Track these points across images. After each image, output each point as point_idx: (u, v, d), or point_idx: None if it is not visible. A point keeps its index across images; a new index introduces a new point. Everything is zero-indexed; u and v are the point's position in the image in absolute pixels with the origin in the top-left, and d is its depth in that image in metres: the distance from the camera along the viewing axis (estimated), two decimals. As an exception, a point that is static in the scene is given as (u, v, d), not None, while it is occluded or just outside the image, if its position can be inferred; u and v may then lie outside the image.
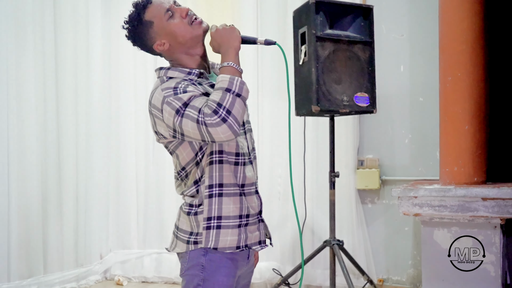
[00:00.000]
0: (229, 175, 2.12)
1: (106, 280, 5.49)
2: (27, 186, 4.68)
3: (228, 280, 2.12)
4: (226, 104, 1.93)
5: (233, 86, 1.98)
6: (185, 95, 2.00)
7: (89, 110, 5.32)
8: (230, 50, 2.10)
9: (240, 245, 2.12)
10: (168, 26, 2.14)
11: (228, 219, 2.11)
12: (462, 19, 3.87)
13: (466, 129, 3.87)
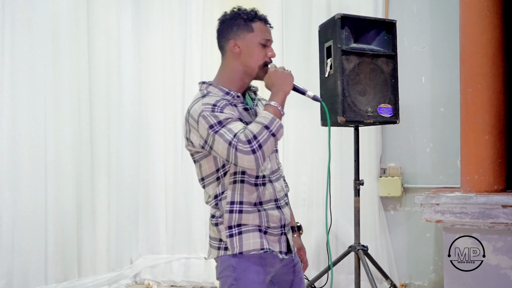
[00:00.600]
0: (248, 194, 2.32)
1: (136, 284, 5.68)
2: (63, 194, 4.90)
3: (258, 277, 2.30)
4: (261, 139, 2.13)
5: (272, 125, 2.17)
6: (222, 115, 2.21)
7: (120, 122, 5.55)
8: (280, 93, 2.30)
9: (264, 247, 2.30)
10: (255, 47, 2.38)
11: (248, 226, 2.31)
12: (482, 33, 4.02)
13: (486, 139, 4.02)
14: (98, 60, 5.29)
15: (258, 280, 2.30)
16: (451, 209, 3.93)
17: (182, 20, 5.67)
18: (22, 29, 4.59)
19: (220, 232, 2.33)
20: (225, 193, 2.32)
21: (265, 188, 2.39)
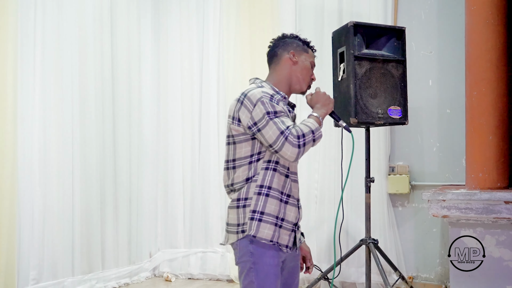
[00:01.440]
0: (278, 181, 2.59)
1: (155, 277, 5.96)
2: (88, 192, 5.18)
3: (273, 260, 2.57)
4: (306, 139, 2.48)
5: (316, 132, 2.53)
6: (278, 106, 2.53)
7: (140, 124, 5.85)
8: (323, 109, 2.69)
9: (273, 240, 2.57)
10: (307, 64, 2.82)
11: (269, 215, 2.56)
12: (486, 40, 4.26)
13: (490, 139, 4.26)
14: (120, 64, 5.58)
15: (273, 263, 2.57)
16: (456, 205, 4.18)
17: (200, 23, 5.95)
18: (52, 35, 4.86)
19: (245, 214, 2.57)
20: (256, 177, 2.57)
21: (292, 184, 2.66)
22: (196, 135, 5.94)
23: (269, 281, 2.55)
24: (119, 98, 5.55)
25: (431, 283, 5.09)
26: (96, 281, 5.18)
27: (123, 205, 5.59)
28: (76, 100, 5.06)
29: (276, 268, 2.59)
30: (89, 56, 5.21)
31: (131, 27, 5.74)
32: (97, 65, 5.29)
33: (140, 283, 5.67)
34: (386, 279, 4.23)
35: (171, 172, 6.01)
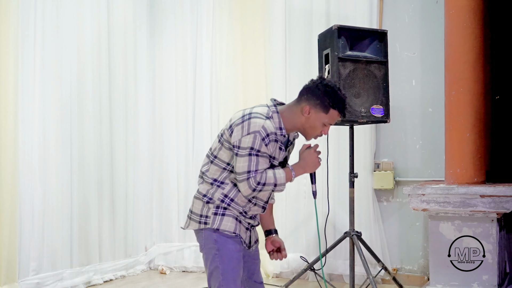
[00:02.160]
0: (240, 200, 2.85)
1: (150, 269, 6.19)
2: (86, 187, 5.40)
3: (235, 247, 2.83)
4: (264, 188, 2.74)
5: (278, 186, 2.77)
6: (264, 148, 2.73)
7: (136, 122, 6.08)
8: (300, 170, 2.90)
9: (235, 232, 2.83)
10: (319, 124, 2.86)
11: (231, 212, 2.84)
12: (464, 42, 4.49)
13: (467, 136, 4.49)
14: (117, 64, 5.81)
15: (236, 249, 2.82)
16: (435, 199, 4.40)
17: (194, 25, 6.20)
18: (51, 37, 5.07)
19: (209, 209, 2.83)
20: (224, 185, 2.83)
21: (255, 208, 2.94)
22: (190, 134, 6.17)
23: (232, 265, 2.80)
24: (115, 98, 5.77)
25: (414, 274, 5.32)
26: (94, 273, 5.39)
27: (119, 200, 5.81)
28: (74, 99, 5.28)
29: (238, 254, 2.84)
30: (87, 57, 5.43)
31: (128, 28, 5.95)
32: (95, 65, 5.50)
33: (136, 275, 5.90)
34: (368, 270, 4.46)
35: (166, 169, 6.23)
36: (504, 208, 4.21)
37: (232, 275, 2.80)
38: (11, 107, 4.60)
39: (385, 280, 5.29)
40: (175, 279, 5.76)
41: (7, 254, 4.51)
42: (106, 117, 5.64)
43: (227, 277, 2.79)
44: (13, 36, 4.62)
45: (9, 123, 4.57)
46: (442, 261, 4.46)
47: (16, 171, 4.63)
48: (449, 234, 4.44)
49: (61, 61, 5.16)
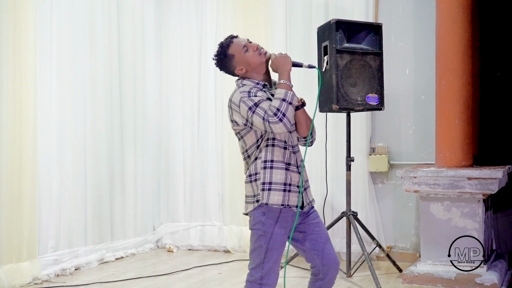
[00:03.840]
0: (278, 154, 2.96)
1: (158, 248, 6.53)
2: (99, 170, 5.72)
3: (280, 230, 3.00)
4: (282, 110, 2.79)
5: (287, 97, 2.82)
6: (256, 98, 2.87)
7: (144, 108, 6.40)
8: (285, 72, 2.93)
9: (284, 203, 3.00)
10: (245, 57, 3.00)
11: (276, 184, 3.00)
12: (454, 34, 4.79)
13: (456, 123, 4.81)
14: (127, 55, 6.11)
15: (280, 233, 3.00)
16: (426, 181, 4.73)
17: (198, 19, 6.51)
18: (67, 32, 5.37)
19: (257, 186, 3.03)
20: (260, 154, 2.97)
21: (291, 155, 3.00)
22: (195, 119, 6.49)
23: (275, 246, 2.98)
24: (125, 87, 6.09)
25: (407, 252, 5.65)
26: (106, 250, 5.74)
27: (129, 183, 6.14)
28: (88, 89, 5.58)
29: (283, 237, 3.01)
30: (99, 47, 5.72)
31: (136, 21, 6.26)
32: (106, 55, 5.80)
33: (145, 253, 6.25)
34: (363, 247, 4.79)
35: (173, 153, 6.58)
36: (490, 190, 4.54)
37: (274, 254, 2.99)
38: (31, 98, 4.89)
39: (379, 257, 5.63)
40: (182, 257, 6.09)
41: (28, 233, 4.83)
42: (117, 106, 5.96)
43: (269, 256, 2.98)
44: (32, 28, 4.90)
45: (29, 113, 4.86)
46: (432, 239, 4.80)
47: (35, 157, 4.94)
48: (438, 213, 4.78)
49: (75, 52, 5.45)
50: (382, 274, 5.14)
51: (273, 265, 2.98)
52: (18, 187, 4.77)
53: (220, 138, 6.34)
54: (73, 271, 5.31)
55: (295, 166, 3.00)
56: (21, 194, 4.79)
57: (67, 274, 5.21)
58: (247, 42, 3.04)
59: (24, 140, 4.83)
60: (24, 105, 4.83)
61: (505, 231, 5.31)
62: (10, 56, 4.72)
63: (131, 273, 5.32)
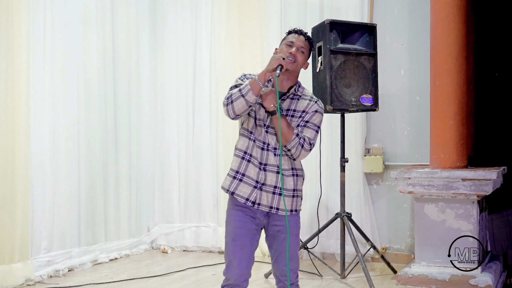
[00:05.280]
0: (243, 144, 3.01)
1: (152, 249, 6.52)
2: (93, 171, 5.70)
3: (234, 217, 3.03)
4: (232, 97, 2.86)
5: (243, 90, 2.84)
6: (241, 82, 2.97)
7: (139, 109, 6.38)
8: (264, 70, 2.87)
9: (229, 189, 3.02)
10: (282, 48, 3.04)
11: (231, 170, 3.04)
12: (448, 35, 4.78)
13: (450, 123, 4.79)
14: (121, 55, 6.09)
15: (235, 219, 3.02)
16: (420, 182, 4.71)
17: (193, 19, 6.49)
18: (60, 33, 5.34)
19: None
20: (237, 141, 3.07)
21: (259, 149, 2.98)
22: (190, 120, 6.47)
23: (230, 225, 3.05)
24: (119, 88, 6.06)
25: (402, 253, 5.64)
26: (100, 251, 5.72)
27: (123, 183, 6.12)
28: (82, 90, 5.56)
29: (237, 214, 3.01)
30: (92, 48, 5.70)
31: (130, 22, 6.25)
32: (100, 57, 5.78)
33: (139, 254, 6.23)
34: (357, 248, 4.78)
35: (168, 153, 6.55)
36: (484, 191, 4.52)
37: (230, 247, 3.02)
38: (24, 98, 4.86)
39: (374, 258, 5.62)
40: (176, 258, 6.07)
41: (20, 234, 4.80)
42: (111, 106, 5.93)
43: (227, 248, 3.05)
44: (24, 28, 4.87)
45: (22, 113, 4.84)
46: (426, 240, 4.78)
47: (28, 157, 4.92)
48: (433, 215, 4.76)
49: (68, 52, 5.43)
50: (376, 275, 5.14)
51: (232, 259, 3.00)
52: (10, 187, 4.75)
53: (214, 139, 6.33)
54: (66, 272, 5.28)
55: (262, 163, 2.97)
56: (14, 195, 4.76)
57: (60, 275, 5.18)
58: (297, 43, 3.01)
59: (17, 140, 4.80)
60: (17, 105, 4.81)
61: (500, 232, 5.29)
62: (3, 56, 4.70)
63: (125, 274, 5.29)
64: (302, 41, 3.00)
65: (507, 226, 5.25)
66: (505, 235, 5.28)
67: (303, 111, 3.04)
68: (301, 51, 2.99)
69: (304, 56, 3.02)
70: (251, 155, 2.98)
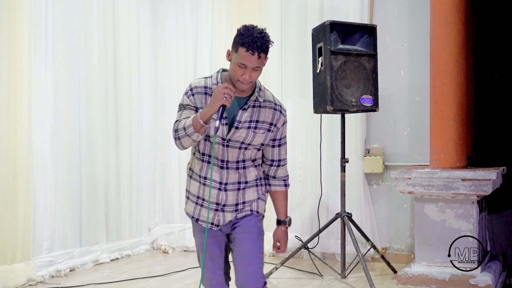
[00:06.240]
0: (196, 166, 2.89)
1: (153, 249, 6.53)
2: (94, 172, 5.71)
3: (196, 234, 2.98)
4: (179, 134, 2.70)
5: (187, 129, 2.66)
6: (187, 100, 2.78)
7: (140, 110, 6.38)
8: (205, 108, 2.65)
9: (193, 216, 2.92)
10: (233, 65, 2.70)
11: (192, 195, 2.93)
12: (448, 36, 4.80)
13: (450, 124, 4.82)
14: (122, 58, 6.11)
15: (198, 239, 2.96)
16: (420, 182, 4.73)
17: (194, 19, 6.50)
18: (62, 32, 5.36)
19: None
20: (191, 161, 2.96)
21: (214, 169, 2.83)
22: (190, 121, 6.48)
23: (198, 237, 2.97)
24: (120, 88, 6.08)
25: (402, 253, 5.65)
26: (101, 252, 5.73)
27: (124, 184, 6.14)
28: (83, 90, 5.57)
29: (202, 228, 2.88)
30: (94, 49, 5.72)
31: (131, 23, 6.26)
32: (101, 57, 5.80)
33: (140, 254, 6.24)
34: (358, 248, 4.80)
35: (168, 154, 6.56)
36: (484, 191, 4.55)
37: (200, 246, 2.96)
38: (26, 99, 4.89)
39: (374, 258, 5.63)
40: (177, 258, 6.08)
41: (22, 234, 4.83)
42: (112, 106, 5.95)
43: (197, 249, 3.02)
44: (26, 29, 4.90)
45: (23, 113, 4.87)
46: (426, 240, 4.80)
47: (30, 157, 4.94)
48: (433, 215, 4.78)
49: (70, 53, 5.45)
50: (376, 275, 5.15)
51: (205, 269, 2.93)
52: (12, 188, 4.77)
53: (215, 139, 6.31)
54: (68, 272, 5.29)
55: (222, 183, 2.84)
56: (16, 195, 4.79)
57: (61, 275, 5.19)
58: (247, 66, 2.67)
59: (18, 140, 4.83)
60: (18, 105, 4.83)
61: (499, 232, 5.31)
62: (5, 56, 4.73)
63: (126, 274, 5.30)
64: (255, 61, 2.64)
65: (506, 226, 5.27)
66: (505, 235, 5.31)
67: (270, 123, 2.85)
68: (256, 69, 2.68)
69: (261, 69, 2.70)
70: (206, 177, 2.85)
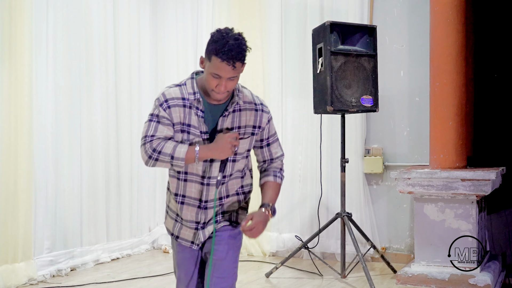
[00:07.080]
0: (172, 184, 2.73)
1: (154, 249, 6.54)
2: (95, 172, 5.74)
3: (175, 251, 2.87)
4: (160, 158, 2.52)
5: (175, 160, 2.52)
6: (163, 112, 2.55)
7: (140, 110, 6.38)
8: (208, 151, 2.55)
9: (173, 233, 2.80)
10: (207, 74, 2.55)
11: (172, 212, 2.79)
12: (447, 37, 4.82)
13: (450, 124, 4.84)
14: (122, 58, 6.13)
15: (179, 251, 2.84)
16: (420, 182, 4.75)
17: (194, 20, 6.52)
18: (63, 33, 5.39)
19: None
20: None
21: (187, 185, 2.67)
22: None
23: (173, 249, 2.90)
24: (121, 88, 6.10)
25: (401, 253, 5.67)
26: (102, 251, 5.75)
27: (125, 184, 6.16)
28: (84, 90, 5.60)
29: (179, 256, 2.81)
30: (95, 50, 5.75)
31: (132, 23, 6.29)
32: (102, 58, 5.82)
33: (140, 254, 6.25)
34: (358, 248, 4.82)
35: (169, 154, 6.55)
36: (483, 191, 4.56)
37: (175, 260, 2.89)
38: (27, 99, 4.91)
39: (374, 258, 5.64)
40: (178, 258, 6.09)
41: (23, 233, 4.85)
42: (112, 106, 5.98)
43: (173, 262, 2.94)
44: (27, 30, 4.91)
45: (24, 113, 4.88)
46: (426, 240, 4.82)
47: (31, 157, 4.96)
48: (432, 215, 4.80)
49: (70, 53, 5.47)
50: (376, 275, 5.17)
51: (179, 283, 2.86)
52: (13, 187, 4.79)
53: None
54: (69, 272, 5.30)
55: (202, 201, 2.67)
56: (17, 195, 4.81)
57: (62, 275, 5.21)
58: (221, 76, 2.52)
59: (19, 140, 4.85)
60: (19, 105, 4.85)
61: (498, 232, 5.33)
62: (6, 57, 4.74)
63: (127, 274, 5.32)
64: (230, 72, 2.49)
65: (506, 226, 5.29)
66: (504, 235, 5.32)
67: (253, 126, 2.70)
68: (232, 79, 2.53)
69: (237, 78, 2.57)
70: (185, 196, 2.68)
